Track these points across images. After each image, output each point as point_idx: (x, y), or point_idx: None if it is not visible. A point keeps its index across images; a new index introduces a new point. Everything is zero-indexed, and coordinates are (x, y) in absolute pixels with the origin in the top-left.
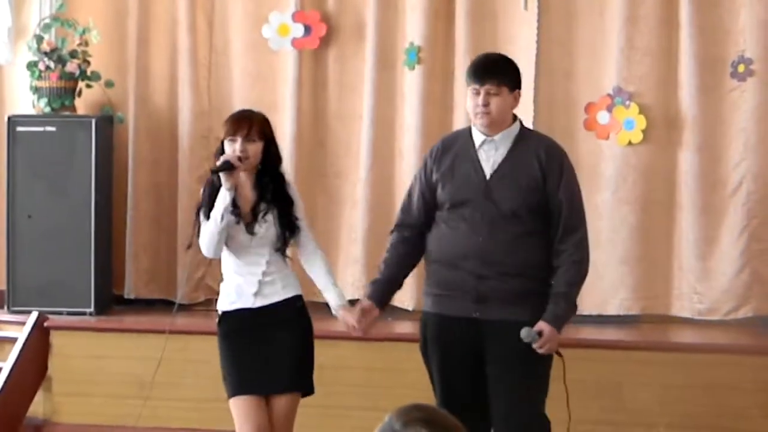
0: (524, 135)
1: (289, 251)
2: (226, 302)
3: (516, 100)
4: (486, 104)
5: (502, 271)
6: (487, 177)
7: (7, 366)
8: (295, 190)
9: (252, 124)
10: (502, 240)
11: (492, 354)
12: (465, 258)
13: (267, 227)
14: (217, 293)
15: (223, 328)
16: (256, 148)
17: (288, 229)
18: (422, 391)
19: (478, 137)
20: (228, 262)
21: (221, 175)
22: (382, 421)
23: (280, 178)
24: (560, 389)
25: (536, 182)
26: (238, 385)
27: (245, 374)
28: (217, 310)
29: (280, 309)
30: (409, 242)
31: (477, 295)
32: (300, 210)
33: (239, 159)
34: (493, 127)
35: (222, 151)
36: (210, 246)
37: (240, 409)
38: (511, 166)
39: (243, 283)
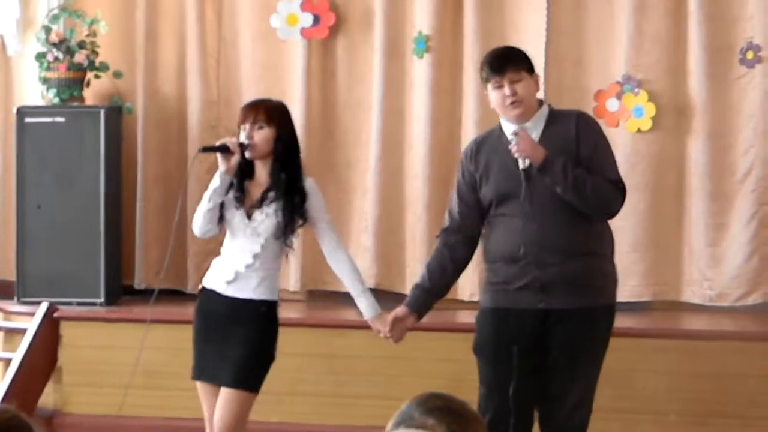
0: (554, 115)
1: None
2: (207, 278)
3: (537, 84)
4: (514, 93)
5: (563, 255)
6: (526, 164)
7: (18, 357)
8: (312, 185)
9: (259, 111)
10: (558, 222)
11: (557, 340)
12: (524, 248)
13: (266, 216)
14: None
15: (198, 303)
16: (264, 134)
17: (291, 221)
18: (433, 379)
19: (509, 128)
20: (226, 242)
21: (218, 157)
22: (393, 409)
23: (295, 170)
24: None
25: (574, 154)
26: (195, 369)
27: (202, 360)
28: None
29: (245, 307)
30: (453, 248)
31: (541, 285)
32: (320, 206)
33: (242, 145)
34: (525, 114)
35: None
36: (197, 223)
37: (200, 392)
38: (548, 146)
39: (224, 268)
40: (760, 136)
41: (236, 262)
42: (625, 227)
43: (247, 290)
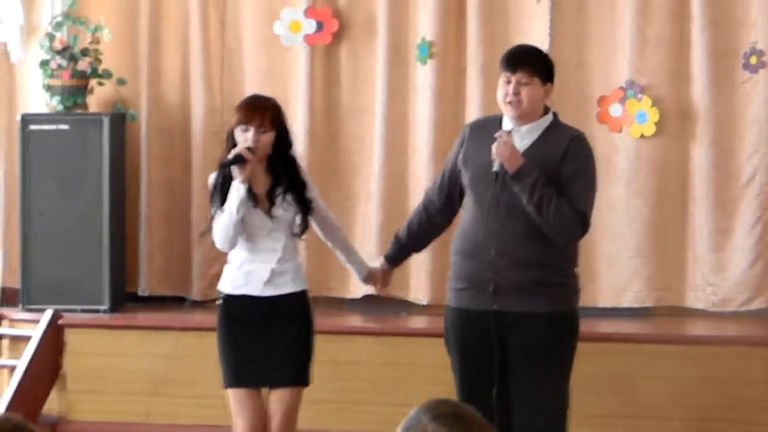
0: (556, 127)
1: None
2: (230, 286)
3: (547, 94)
4: (517, 93)
5: (519, 262)
6: (499, 168)
7: (22, 364)
8: (305, 171)
9: (265, 116)
10: (519, 230)
11: (511, 345)
12: (482, 248)
13: (287, 209)
14: None
15: (224, 312)
16: (268, 138)
17: (305, 211)
18: (437, 385)
19: (507, 126)
20: (239, 248)
21: (234, 168)
22: (397, 415)
23: (292, 162)
24: (573, 382)
25: (554, 172)
26: (235, 376)
27: (244, 365)
28: (219, 292)
29: (287, 302)
30: (429, 214)
31: (495, 287)
32: (313, 189)
33: (250, 150)
34: (522, 117)
35: (232, 138)
36: (225, 239)
37: (236, 399)
38: (532, 156)
39: (254, 270)
40: (764, 142)
41: (267, 261)
42: (628, 233)
43: (287, 285)
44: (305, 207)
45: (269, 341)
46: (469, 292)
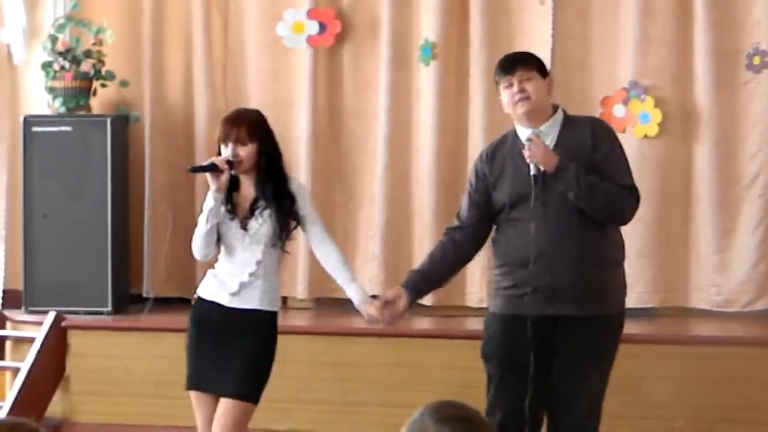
0: (570, 120)
1: (288, 247)
2: (205, 289)
3: (549, 86)
4: (522, 89)
5: (575, 262)
6: (542, 169)
7: (26, 366)
8: (298, 184)
9: (241, 128)
10: (570, 229)
11: (565, 348)
12: (536, 254)
13: (261, 223)
14: None
15: (194, 313)
16: (248, 150)
17: (285, 225)
18: (441, 386)
19: (523, 133)
20: (222, 258)
21: (207, 176)
22: (401, 417)
23: (280, 176)
24: None
25: (588, 161)
26: (190, 378)
27: (199, 370)
28: (195, 293)
29: (249, 318)
30: (458, 243)
31: (551, 292)
32: (306, 203)
33: (229, 162)
34: (534, 114)
35: (219, 154)
36: (198, 247)
37: (194, 401)
38: (563, 152)
39: (225, 281)
40: (767, 142)
41: (239, 274)
42: (632, 234)
43: (252, 301)
44: (287, 221)
45: (225, 351)
46: (522, 297)
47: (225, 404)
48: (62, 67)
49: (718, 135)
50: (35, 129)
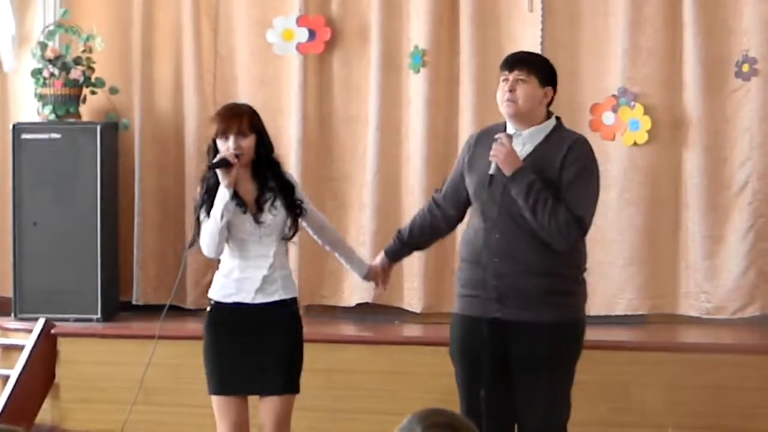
0: (557, 132)
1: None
2: (220, 293)
3: (547, 97)
4: (512, 90)
5: (523, 271)
6: (495, 176)
7: (15, 373)
8: (290, 174)
9: (242, 120)
10: (522, 237)
11: (514, 356)
12: (485, 255)
13: (276, 214)
14: None
15: (213, 318)
16: (249, 142)
17: (295, 214)
18: (432, 394)
19: (510, 130)
20: (231, 256)
21: (218, 172)
22: (392, 424)
23: (276, 165)
24: (572, 389)
25: (554, 178)
26: (220, 384)
27: (228, 374)
28: (209, 299)
29: (277, 309)
30: (437, 214)
31: (497, 295)
32: (300, 191)
33: (235, 156)
34: (519, 118)
35: (215, 149)
36: (212, 245)
37: (220, 406)
38: (533, 162)
39: (246, 278)
40: (757, 149)
41: (259, 268)
42: (621, 240)
43: (277, 292)
44: (294, 210)
45: (259, 349)
46: (473, 299)
47: (272, 402)
48: (52, 75)
49: (708, 142)
50: (25, 136)
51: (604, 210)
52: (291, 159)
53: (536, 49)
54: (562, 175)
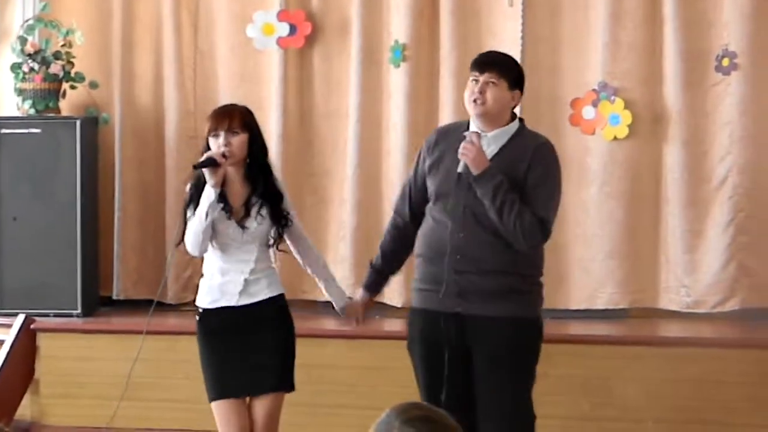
0: (521, 135)
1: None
2: (206, 300)
3: (514, 100)
4: (481, 92)
5: (481, 268)
6: (464, 169)
7: None
8: (282, 184)
9: (233, 116)
10: (484, 237)
11: (477, 351)
12: (445, 253)
13: (261, 222)
14: None
15: (203, 327)
16: (239, 140)
17: (280, 224)
18: (412, 389)
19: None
20: (212, 258)
21: (205, 171)
22: (371, 419)
23: (268, 171)
24: (547, 384)
25: (519, 180)
26: (219, 389)
27: (226, 377)
28: (197, 307)
29: (264, 308)
30: (401, 230)
31: (458, 290)
32: (289, 203)
33: (223, 155)
34: (486, 119)
35: (207, 148)
36: (195, 244)
37: (222, 412)
38: (498, 164)
39: (228, 281)
40: (737, 143)
41: (240, 271)
42: (601, 235)
43: (261, 292)
44: (280, 221)
45: (249, 349)
46: (432, 294)
47: (265, 400)
48: (31, 69)
49: (688, 136)
50: (4, 131)
51: (584, 205)
52: (271, 154)
53: (517, 43)
54: (528, 178)
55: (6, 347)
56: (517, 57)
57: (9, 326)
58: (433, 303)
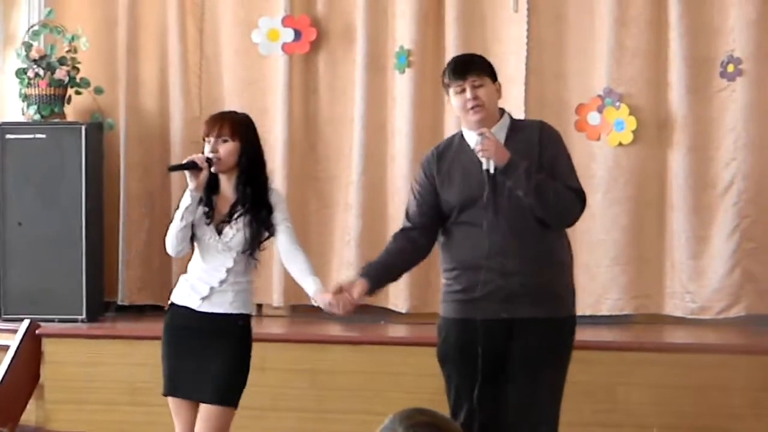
0: (516, 125)
1: (259, 256)
2: (177, 294)
3: (499, 92)
4: (476, 96)
5: (527, 264)
6: (492, 171)
7: None
8: (277, 194)
9: (224, 124)
10: (522, 231)
11: (520, 351)
12: (488, 257)
13: (236, 231)
14: None
15: (168, 319)
16: (228, 147)
17: (257, 235)
18: (416, 394)
19: (471, 138)
20: (196, 260)
21: (187, 174)
22: (375, 424)
23: (261, 183)
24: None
25: (536, 160)
26: (168, 384)
27: (176, 375)
28: (170, 300)
29: (221, 322)
30: (411, 239)
31: (504, 295)
32: (282, 213)
33: (209, 160)
34: (487, 120)
35: (202, 152)
36: (171, 244)
37: (172, 407)
38: (511, 151)
39: (197, 285)
40: (742, 149)
41: (210, 279)
42: (606, 240)
43: (223, 305)
44: (260, 231)
45: (199, 357)
46: (474, 303)
47: (205, 410)
48: (37, 75)
49: (693, 142)
50: (9, 136)
51: (589, 210)
52: (276, 160)
53: (521, 49)
54: (543, 156)
55: (11, 352)
56: (522, 62)
57: (14, 331)
58: (472, 312)
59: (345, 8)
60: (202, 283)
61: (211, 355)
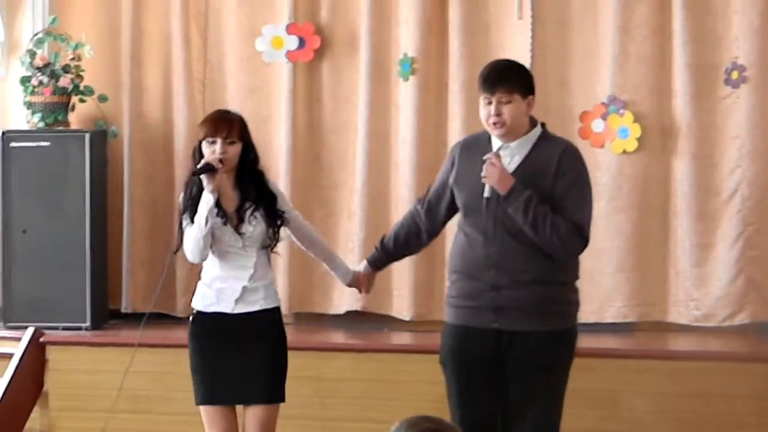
0: (545, 139)
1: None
2: (202, 303)
3: (530, 106)
4: (498, 114)
5: (518, 280)
6: (488, 197)
7: (3, 382)
8: (274, 184)
9: (232, 127)
10: (518, 249)
11: (511, 362)
12: (481, 268)
13: (255, 225)
14: None
15: (196, 328)
16: (235, 149)
17: (276, 225)
18: (421, 402)
19: (495, 143)
20: (212, 266)
21: (203, 178)
22: None
23: (260, 176)
24: (567, 398)
25: (548, 188)
26: (207, 393)
27: (215, 382)
28: (192, 309)
29: (258, 319)
30: (417, 228)
31: (494, 306)
32: (284, 201)
33: (220, 161)
34: (508, 135)
35: (200, 153)
36: (195, 251)
37: (209, 416)
38: (524, 173)
39: (225, 288)
40: (746, 157)
41: (240, 278)
42: (610, 248)
43: (257, 302)
44: (275, 220)
45: (242, 359)
46: (469, 310)
47: (258, 410)
48: (40, 82)
49: (697, 150)
50: (13, 144)
51: (593, 218)
52: (280, 167)
53: (526, 56)
54: (557, 185)
55: (15, 360)
56: None
57: (18, 339)
58: (469, 319)
59: (349, 16)
60: (232, 284)
61: (252, 355)
